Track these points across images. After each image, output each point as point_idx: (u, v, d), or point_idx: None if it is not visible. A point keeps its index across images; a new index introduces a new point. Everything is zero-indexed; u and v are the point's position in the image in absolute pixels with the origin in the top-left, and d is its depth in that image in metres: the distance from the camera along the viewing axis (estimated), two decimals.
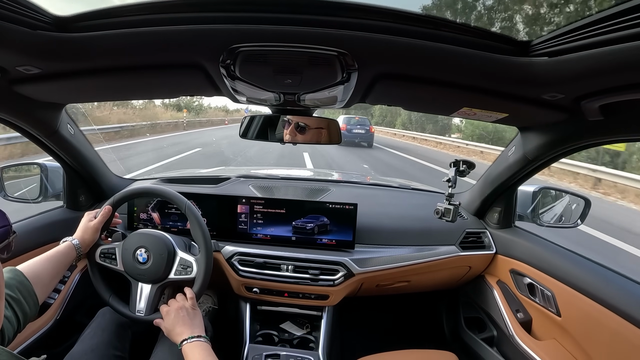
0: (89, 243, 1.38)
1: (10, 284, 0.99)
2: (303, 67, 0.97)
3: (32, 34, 0.79)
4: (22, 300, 1.00)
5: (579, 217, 1.69)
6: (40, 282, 1.09)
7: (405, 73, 0.99)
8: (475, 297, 2.01)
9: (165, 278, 1.39)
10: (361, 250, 1.74)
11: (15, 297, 0.98)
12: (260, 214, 1.75)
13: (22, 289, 1.02)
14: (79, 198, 1.77)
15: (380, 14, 0.79)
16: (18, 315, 0.97)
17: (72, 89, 1.19)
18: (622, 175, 10.11)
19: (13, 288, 0.99)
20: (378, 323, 2.51)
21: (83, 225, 1.39)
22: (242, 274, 1.68)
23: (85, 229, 1.37)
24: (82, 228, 1.38)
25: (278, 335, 1.76)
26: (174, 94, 1.33)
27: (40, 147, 1.47)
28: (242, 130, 1.49)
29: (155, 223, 1.79)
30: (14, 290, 0.99)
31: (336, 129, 1.45)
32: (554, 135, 1.27)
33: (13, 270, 1.04)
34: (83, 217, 1.42)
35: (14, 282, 1.01)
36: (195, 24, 0.81)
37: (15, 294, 0.99)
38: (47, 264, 1.17)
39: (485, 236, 1.86)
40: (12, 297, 0.98)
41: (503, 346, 1.77)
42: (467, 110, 1.19)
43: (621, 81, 0.81)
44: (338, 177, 2.47)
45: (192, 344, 1.19)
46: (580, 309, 1.36)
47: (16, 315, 0.97)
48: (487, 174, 1.77)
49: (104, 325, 1.41)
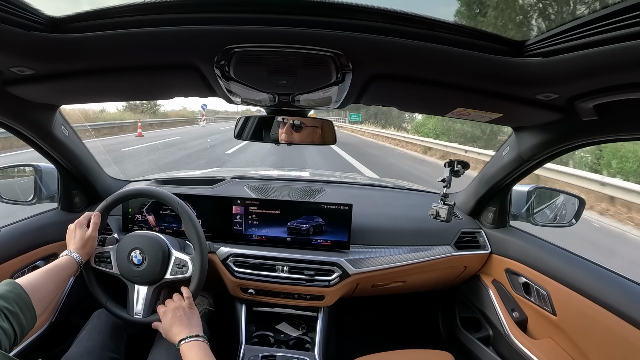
0: (89, 254, 1.37)
1: (8, 297, 0.98)
2: (297, 67, 0.97)
3: (26, 34, 0.79)
4: (19, 314, 0.98)
5: (573, 216, 1.70)
6: (38, 295, 1.07)
7: (399, 73, 0.99)
8: (471, 297, 2.01)
9: (161, 279, 1.38)
10: (356, 250, 1.74)
11: (13, 310, 0.97)
12: (256, 214, 1.75)
13: (20, 302, 1.00)
14: (73, 200, 1.76)
15: (375, 14, 0.79)
16: (15, 328, 0.96)
17: (66, 90, 1.19)
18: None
19: (11, 301, 0.98)
20: (374, 323, 2.51)
21: (80, 238, 1.34)
22: (238, 275, 1.68)
23: (84, 242, 1.33)
24: (79, 241, 1.33)
25: (274, 336, 1.76)
26: (168, 95, 1.32)
27: (35, 148, 1.46)
28: (236, 131, 1.48)
29: (151, 225, 1.79)
30: (11, 304, 0.98)
31: (330, 129, 1.45)
32: (548, 135, 1.28)
33: (12, 283, 1.03)
34: (75, 230, 1.36)
35: (12, 295, 1.00)
36: (189, 25, 0.81)
37: (13, 307, 0.97)
38: (47, 278, 1.15)
39: (480, 236, 1.87)
40: (9, 310, 0.96)
41: (499, 345, 1.78)
42: (462, 111, 1.20)
43: (615, 81, 0.81)
44: (333, 178, 2.47)
45: (190, 344, 1.19)
46: (576, 308, 1.37)
47: (13, 328, 0.96)
48: (481, 173, 1.78)
49: (99, 327, 1.40)
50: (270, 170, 2.71)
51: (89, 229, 1.37)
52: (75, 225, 1.37)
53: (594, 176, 8.38)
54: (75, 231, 1.35)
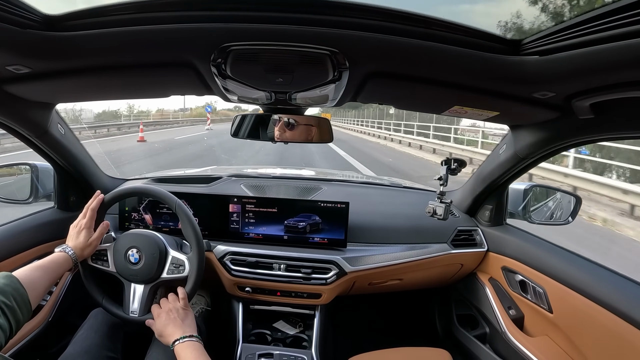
0: (87, 256, 1.36)
1: (5, 291, 0.97)
2: (294, 65, 0.97)
3: (22, 32, 0.79)
4: (16, 308, 0.97)
5: (570, 215, 1.71)
6: (34, 289, 1.06)
7: (396, 72, 0.99)
8: (468, 295, 2.02)
9: (157, 278, 1.38)
10: (353, 248, 1.74)
11: (10, 305, 0.96)
12: (252, 213, 1.75)
13: (17, 296, 0.99)
14: (70, 198, 1.76)
15: (372, 12, 0.79)
16: (11, 322, 0.95)
17: (62, 88, 1.18)
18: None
19: (8, 295, 0.97)
20: (371, 321, 2.52)
21: (84, 240, 1.32)
22: (235, 273, 1.68)
23: (86, 245, 1.32)
24: (82, 243, 1.31)
25: (271, 335, 1.77)
26: (165, 93, 1.32)
27: (31, 147, 1.45)
28: (233, 129, 1.48)
29: (147, 223, 1.78)
30: (9, 298, 0.97)
31: (327, 127, 1.44)
32: (545, 133, 1.28)
33: (9, 276, 1.02)
34: (82, 231, 1.33)
35: (9, 289, 0.99)
36: (186, 23, 0.81)
37: (10, 301, 0.96)
38: (42, 272, 1.14)
39: (476, 234, 1.87)
40: (6, 305, 0.95)
41: (495, 343, 1.78)
42: (459, 109, 1.20)
43: (612, 79, 0.81)
44: (330, 176, 2.47)
45: (184, 344, 1.19)
46: (572, 306, 1.37)
47: (9, 322, 0.95)
48: (478, 171, 1.78)
49: (96, 326, 1.40)
50: (267, 168, 2.71)
51: (95, 234, 1.35)
52: (82, 226, 1.34)
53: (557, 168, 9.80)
54: (81, 232, 1.33)
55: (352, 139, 25.82)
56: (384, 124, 29.09)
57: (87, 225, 1.34)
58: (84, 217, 1.35)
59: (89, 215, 1.35)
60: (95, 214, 1.37)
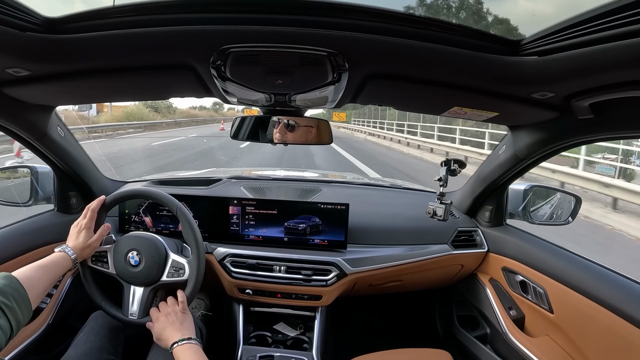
0: (86, 257, 1.36)
1: (5, 292, 0.96)
2: (294, 67, 0.97)
3: (22, 35, 0.79)
4: (16, 309, 0.97)
5: (570, 215, 1.71)
6: (34, 289, 1.05)
7: (395, 73, 0.99)
8: (468, 295, 2.02)
9: (157, 281, 1.38)
10: (353, 250, 1.74)
11: (10, 305, 0.95)
12: (252, 215, 1.75)
13: (17, 296, 0.98)
14: (69, 201, 1.75)
15: (371, 14, 0.79)
16: (11, 323, 0.95)
17: (62, 91, 1.18)
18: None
19: (8, 296, 0.96)
20: (371, 323, 2.51)
21: (84, 241, 1.31)
22: (235, 275, 1.67)
23: (86, 245, 1.31)
24: (82, 244, 1.30)
25: (272, 337, 1.76)
26: (165, 95, 1.32)
27: (30, 149, 1.45)
28: (233, 131, 1.48)
29: (147, 226, 1.78)
30: (9, 298, 0.96)
31: (326, 129, 1.44)
32: (545, 133, 1.28)
33: (9, 277, 1.01)
34: (82, 231, 1.32)
35: (9, 289, 0.98)
36: (185, 25, 0.81)
37: (10, 302, 0.96)
38: (42, 272, 1.14)
39: (477, 234, 1.87)
40: (6, 305, 0.94)
41: (496, 344, 1.78)
42: (458, 110, 1.20)
43: (610, 79, 0.82)
44: (329, 178, 2.47)
45: (182, 347, 1.18)
46: (573, 306, 1.37)
47: (9, 323, 0.94)
48: (478, 172, 1.78)
49: (97, 329, 1.40)
50: (266, 170, 2.71)
51: (95, 235, 1.34)
52: (82, 226, 1.33)
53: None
54: (81, 232, 1.32)
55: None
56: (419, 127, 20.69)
57: (87, 225, 1.33)
58: (84, 218, 1.35)
59: (89, 215, 1.35)
60: (95, 215, 1.36)
